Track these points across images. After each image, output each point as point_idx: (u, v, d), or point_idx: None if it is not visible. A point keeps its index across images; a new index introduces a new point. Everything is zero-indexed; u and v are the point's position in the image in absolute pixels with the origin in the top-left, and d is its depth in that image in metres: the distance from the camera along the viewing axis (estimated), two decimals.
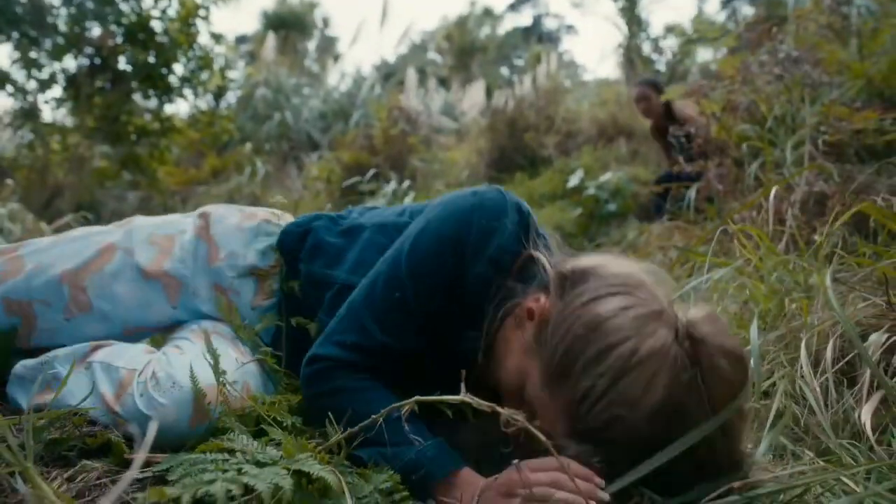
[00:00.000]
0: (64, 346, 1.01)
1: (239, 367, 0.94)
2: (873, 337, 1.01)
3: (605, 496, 0.70)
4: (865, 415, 0.90)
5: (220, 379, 0.85)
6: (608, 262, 0.81)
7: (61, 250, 1.07)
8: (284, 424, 0.86)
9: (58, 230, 2.80)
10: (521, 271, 0.88)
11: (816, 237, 1.31)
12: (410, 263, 0.89)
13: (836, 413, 0.96)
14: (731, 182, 2.06)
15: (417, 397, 0.70)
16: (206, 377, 0.85)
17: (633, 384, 0.69)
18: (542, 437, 0.63)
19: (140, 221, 1.13)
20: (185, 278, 1.07)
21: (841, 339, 1.07)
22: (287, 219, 1.17)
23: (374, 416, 0.75)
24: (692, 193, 2.14)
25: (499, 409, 0.65)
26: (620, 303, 0.74)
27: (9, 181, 3.01)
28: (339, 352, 0.87)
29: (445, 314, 0.89)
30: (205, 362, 0.86)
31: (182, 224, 1.13)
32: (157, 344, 1.08)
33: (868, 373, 0.95)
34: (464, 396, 0.66)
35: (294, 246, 1.09)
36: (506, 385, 0.83)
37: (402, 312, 0.88)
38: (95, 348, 0.98)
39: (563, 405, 0.73)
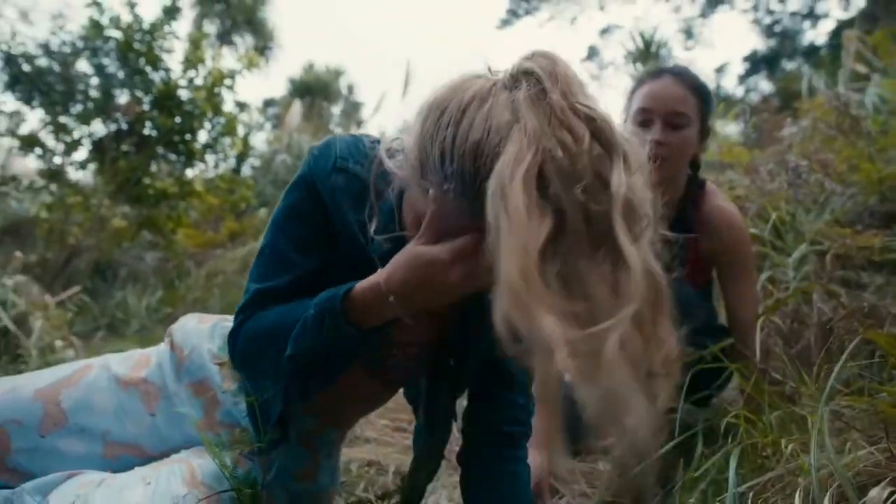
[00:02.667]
0: (42, 465, 1.00)
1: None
2: (873, 492, 0.94)
3: None
4: None
5: None
6: None
7: (37, 376, 1.09)
8: None
9: (63, 302, 2.81)
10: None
11: (819, 368, 1.25)
12: (272, 223, 0.98)
13: None
14: None
15: None
16: None
17: (477, 114, 0.69)
18: None
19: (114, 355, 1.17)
20: (162, 382, 1.08)
21: (839, 489, 0.99)
22: None
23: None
24: None
25: None
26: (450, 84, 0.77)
27: (18, 253, 3.07)
28: (237, 320, 0.97)
29: (324, 240, 0.94)
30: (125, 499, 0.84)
31: (154, 348, 1.17)
32: None
33: None
34: None
35: None
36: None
37: (274, 259, 0.95)
38: (69, 478, 0.96)
39: (434, 183, 0.75)
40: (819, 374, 1.17)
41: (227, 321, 1.17)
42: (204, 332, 1.14)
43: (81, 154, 5.62)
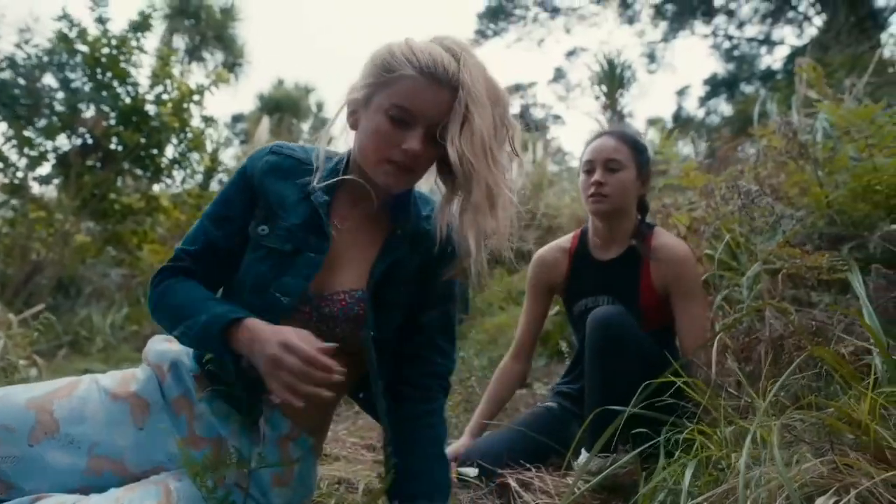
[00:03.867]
0: (25, 474, 1.01)
1: None
2: (819, 502, 1.00)
3: (338, 378, 0.97)
4: None
5: None
6: None
7: (26, 386, 1.12)
8: None
9: (27, 321, 2.77)
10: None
11: (766, 383, 1.32)
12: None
13: None
14: None
15: None
16: None
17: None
18: None
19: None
20: (150, 398, 1.15)
21: (788, 500, 1.05)
22: None
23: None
24: None
25: None
26: None
27: None
28: (158, 275, 1.17)
29: (239, 218, 1.17)
30: None
31: (137, 368, 1.24)
32: None
33: None
34: None
35: None
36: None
37: (197, 228, 1.18)
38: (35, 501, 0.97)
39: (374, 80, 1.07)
40: (767, 389, 1.23)
41: None
42: (176, 349, 1.22)
43: (45, 169, 5.53)
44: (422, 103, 1.03)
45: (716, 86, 15.20)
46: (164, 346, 1.24)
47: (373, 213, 1.18)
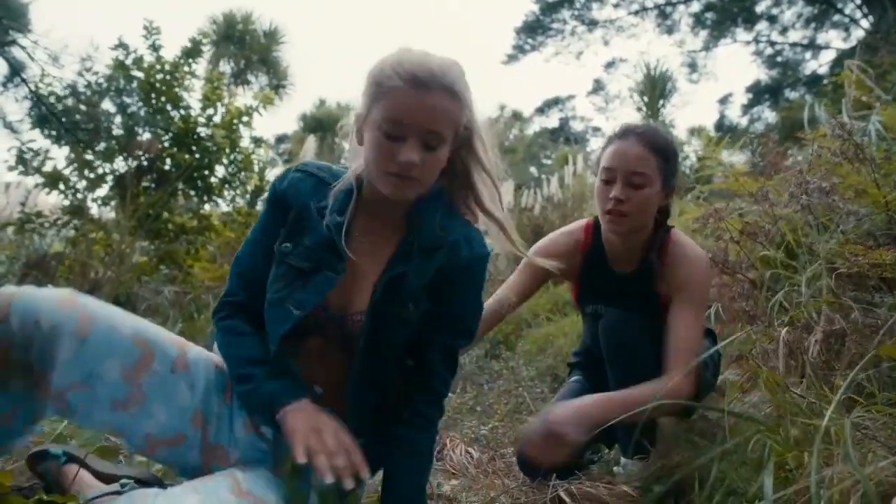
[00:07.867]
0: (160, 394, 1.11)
1: None
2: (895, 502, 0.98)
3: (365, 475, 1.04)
4: None
5: None
6: None
7: (116, 316, 1.21)
8: None
9: None
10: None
11: (837, 380, 1.29)
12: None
13: None
14: (753, 305, 2.06)
15: None
16: None
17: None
18: None
19: None
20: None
21: (863, 500, 1.03)
22: None
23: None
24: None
25: None
26: None
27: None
28: (220, 303, 1.24)
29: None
30: None
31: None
32: None
33: None
34: None
35: None
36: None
37: (246, 257, 1.23)
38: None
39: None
40: (836, 386, 1.22)
41: None
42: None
43: (103, 190, 5.77)
44: (411, 113, 1.04)
45: (759, 93, 14.93)
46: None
47: (393, 228, 1.20)
